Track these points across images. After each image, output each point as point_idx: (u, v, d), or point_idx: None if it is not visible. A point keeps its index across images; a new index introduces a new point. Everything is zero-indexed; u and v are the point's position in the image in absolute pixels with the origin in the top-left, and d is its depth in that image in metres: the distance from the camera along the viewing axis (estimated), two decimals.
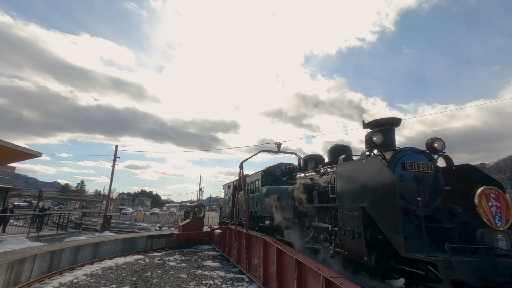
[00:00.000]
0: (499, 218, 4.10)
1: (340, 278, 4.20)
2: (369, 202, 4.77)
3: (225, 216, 16.32)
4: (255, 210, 10.84)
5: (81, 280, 8.02)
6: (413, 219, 4.71)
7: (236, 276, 8.57)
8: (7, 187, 19.94)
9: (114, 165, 25.31)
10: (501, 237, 3.87)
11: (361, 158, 5.42)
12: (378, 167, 4.72)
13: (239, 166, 10.49)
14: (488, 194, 4.19)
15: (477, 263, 3.58)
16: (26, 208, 36.86)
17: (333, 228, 5.93)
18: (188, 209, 18.13)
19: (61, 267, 9.46)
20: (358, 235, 4.90)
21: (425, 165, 5.26)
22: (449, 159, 5.75)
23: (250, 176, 12.32)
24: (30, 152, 12.12)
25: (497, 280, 3.45)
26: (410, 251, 3.96)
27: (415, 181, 5.07)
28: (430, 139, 5.75)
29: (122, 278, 8.21)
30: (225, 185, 17.09)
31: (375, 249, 4.68)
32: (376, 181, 4.70)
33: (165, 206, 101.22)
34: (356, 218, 5.02)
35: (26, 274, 8.05)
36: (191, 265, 9.93)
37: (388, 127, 6.01)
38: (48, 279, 8.31)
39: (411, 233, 4.30)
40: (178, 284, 7.68)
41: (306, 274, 5.15)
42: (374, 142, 5.60)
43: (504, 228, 4.10)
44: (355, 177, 5.33)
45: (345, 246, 5.31)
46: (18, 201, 45.32)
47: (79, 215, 27.07)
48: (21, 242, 10.83)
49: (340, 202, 5.67)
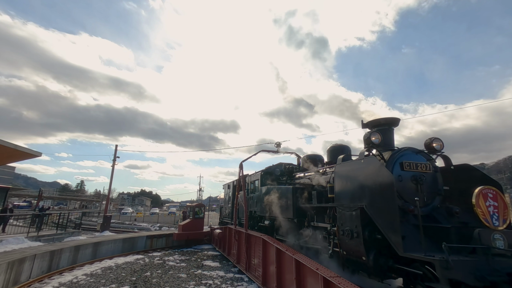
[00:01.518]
0: (496, 218, 4.12)
1: (338, 277, 4.21)
2: (368, 202, 4.79)
3: (225, 216, 16.34)
4: (254, 210, 10.86)
5: (80, 280, 8.03)
6: (411, 219, 4.73)
7: (235, 276, 8.58)
8: (6, 187, 19.93)
9: (114, 165, 25.32)
10: (498, 237, 3.89)
11: (360, 158, 5.43)
12: (376, 167, 4.74)
13: (239, 166, 10.50)
14: (485, 194, 4.21)
15: (475, 263, 3.60)
16: (25, 208, 36.84)
17: (332, 228, 5.95)
18: (187, 209, 18.13)
19: (61, 267, 9.47)
20: (357, 234, 4.91)
21: (423, 165, 5.28)
22: (447, 159, 5.77)
23: (249, 176, 12.34)
24: (30, 152, 12.13)
25: (495, 280, 3.46)
26: (408, 250, 3.97)
27: (413, 181, 5.09)
28: (429, 139, 5.76)
29: (122, 278, 8.22)
30: (225, 185, 17.11)
31: (374, 249, 4.70)
32: (374, 181, 4.71)
33: (165, 206, 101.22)
34: (354, 218, 5.04)
35: (26, 274, 8.06)
36: (191, 265, 9.95)
37: (387, 127, 6.02)
38: (48, 278, 8.32)
39: (409, 233, 4.32)
40: (178, 284, 7.69)
41: (305, 274, 5.16)
42: (372, 142, 5.62)
43: (502, 228, 4.12)
44: (354, 177, 5.35)
45: (343, 246, 5.32)
46: (18, 201, 45.30)
47: (79, 215, 27.08)
48: (20, 242, 10.83)
49: (338, 202, 5.68)
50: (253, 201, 11.15)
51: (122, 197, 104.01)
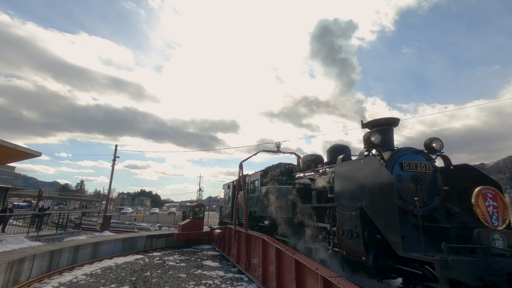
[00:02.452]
0: (496, 218, 4.13)
1: (338, 277, 4.22)
2: (367, 202, 4.79)
3: (225, 216, 16.33)
4: (254, 210, 10.86)
5: (80, 279, 8.03)
6: (410, 218, 4.73)
7: (235, 275, 8.58)
8: (6, 186, 19.93)
9: (114, 165, 25.32)
10: (498, 237, 3.89)
11: (359, 158, 5.43)
12: (376, 167, 4.74)
13: (239, 166, 10.51)
14: (485, 194, 4.22)
15: (474, 263, 3.60)
16: (25, 208, 36.83)
17: (331, 227, 5.95)
18: (187, 209, 18.12)
19: (61, 266, 9.47)
20: (356, 234, 4.91)
21: (423, 165, 5.28)
22: (447, 159, 5.77)
23: (249, 176, 12.34)
24: (30, 152, 12.14)
25: (494, 280, 3.47)
26: (407, 250, 3.98)
27: (413, 181, 5.09)
28: (428, 139, 5.77)
29: (122, 277, 8.22)
30: (225, 185, 17.11)
31: (373, 249, 4.70)
32: (374, 181, 4.72)
33: (165, 206, 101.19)
34: (354, 218, 5.04)
35: (26, 274, 8.06)
36: (191, 265, 9.95)
37: (387, 127, 6.02)
38: (48, 278, 8.32)
39: (409, 233, 4.32)
40: (178, 283, 7.69)
41: (305, 274, 5.17)
42: (372, 142, 5.62)
43: (501, 228, 4.12)
44: (353, 177, 5.35)
45: (343, 246, 5.33)
46: (18, 201, 45.29)
47: (78, 215, 27.07)
48: (20, 242, 10.83)
49: (338, 202, 5.68)
50: (253, 201, 11.15)
51: (122, 197, 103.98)
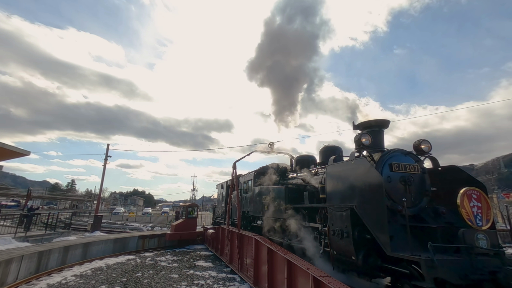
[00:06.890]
0: (480, 218, 4.25)
1: (328, 277, 4.28)
2: (358, 202, 4.87)
3: (218, 216, 16.30)
4: (247, 210, 10.88)
5: (70, 281, 7.91)
6: (399, 219, 4.83)
7: (228, 276, 8.59)
8: None
9: (106, 164, 24.97)
10: (481, 237, 4.02)
11: (351, 159, 5.52)
12: (366, 168, 4.82)
13: (232, 166, 10.50)
14: (470, 195, 4.34)
15: (458, 262, 3.71)
16: (14, 207, 36.00)
17: (323, 228, 6.02)
18: (180, 209, 18.02)
19: (49, 268, 9.29)
20: (347, 234, 4.99)
21: (411, 166, 5.40)
22: (435, 160, 5.91)
23: (243, 176, 12.36)
24: (18, 151, 11.86)
25: (477, 278, 3.58)
26: (395, 250, 4.07)
27: (402, 181, 5.20)
28: (417, 140, 5.90)
29: (112, 278, 8.13)
30: (219, 185, 17.07)
31: (363, 249, 4.78)
32: (364, 181, 4.80)
33: (158, 205, 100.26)
34: (345, 218, 5.11)
35: (13, 275, 7.89)
36: (183, 265, 9.90)
37: (377, 129, 6.13)
38: (36, 280, 8.16)
39: (397, 233, 4.41)
40: (169, 284, 7.65)
41: (296, 274, 5.22)
42: (363, 143, 5.71)
43: (485, 228, 4.25)
44: (345, 178, 5.43)
45: (334, 246, 5.40)
46: (6, 200, 44.22)
47: (69, 215, 26.59)
48: (7, 243, 10.59)
49: (329, 202, 5.76)
50: (246, 201, 11.17)
51: (114, 196, 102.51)
